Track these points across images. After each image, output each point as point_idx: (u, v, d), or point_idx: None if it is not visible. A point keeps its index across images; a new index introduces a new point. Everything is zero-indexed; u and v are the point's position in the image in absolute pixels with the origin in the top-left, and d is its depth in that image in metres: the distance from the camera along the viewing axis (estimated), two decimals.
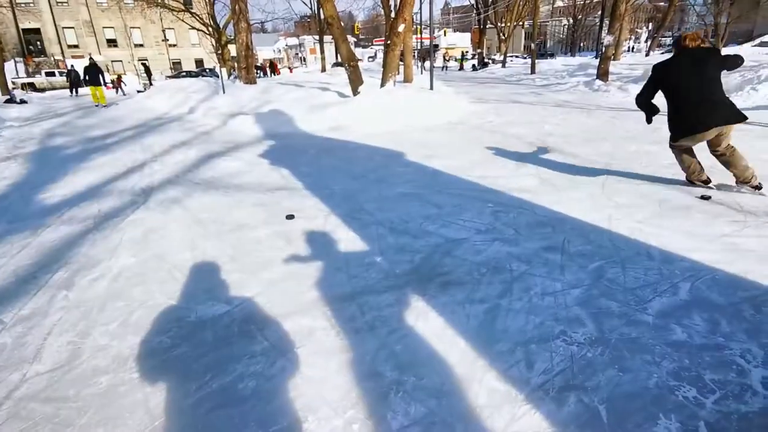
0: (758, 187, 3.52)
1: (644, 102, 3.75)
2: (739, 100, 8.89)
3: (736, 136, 3.65)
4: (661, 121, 3.90)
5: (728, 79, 9.84)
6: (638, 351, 1.83)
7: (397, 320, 2.14)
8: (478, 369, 1.79)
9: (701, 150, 3.76)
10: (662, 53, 33.64)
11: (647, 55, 30.75)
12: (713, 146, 3.55)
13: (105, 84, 14.80)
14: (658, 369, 1.72)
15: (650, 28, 50.54)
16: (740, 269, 2.42)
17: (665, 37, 48.29)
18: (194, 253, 3.01)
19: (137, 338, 2.10)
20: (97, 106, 14.52)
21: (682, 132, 3.57)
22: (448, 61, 35.02)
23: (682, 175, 4.19)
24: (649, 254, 2.67)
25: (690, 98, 3.43)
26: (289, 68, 34.86)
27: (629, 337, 1.92)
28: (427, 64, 20.45)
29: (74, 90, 19.98)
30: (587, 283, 2.39)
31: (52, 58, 36.46)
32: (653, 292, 2.25)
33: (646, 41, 48.16)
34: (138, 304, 2.39)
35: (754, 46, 30.04)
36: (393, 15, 13.55)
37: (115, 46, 41.70)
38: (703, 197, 3.54)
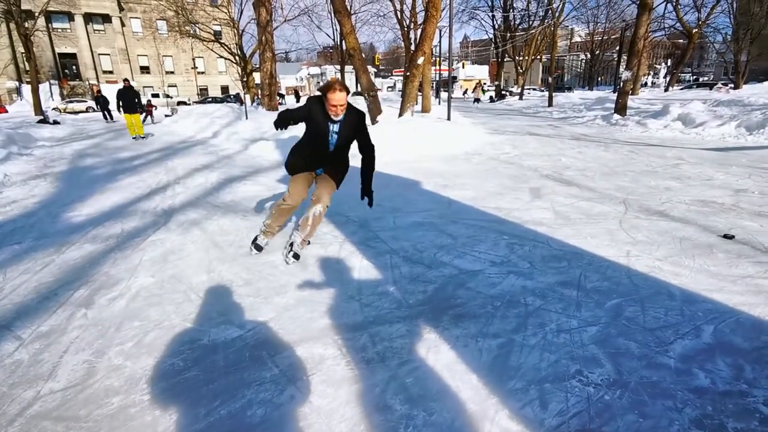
0: None
1: None
2: (760, 138, 8.78)
3: (752, 172, 3.57)
4: (678, 156, 3.87)
5: (750, 117, 9.75)
6: (659, 396, 1.77)
7: (408, 352, 2.12)
8: (490, 406, 1.75)
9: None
10: (681, 89, 33.60)
11: (666, 90, 30.76)
12: None
13: (143, 111, 12.65)
14: (680, 416, 1.66)
15: (669, 63, 50.70)
16: (765, 312, 2.34)
17: (684, 73, 48.32)
18: (211, 276, 3.05)
19: (151, 359, 2.12)
20: (135, 138, 12.04)
21: None
22: (480, 92, 30.77)
23: (703, 213, 4.12)
24: (669, 293, 2.60)
25: None
26: (295, 95, 35.49)
27: (650, 380, 1.86)
28: (445, 95, 20.79)
29: (107, 115, 19.70)
30: (604, 321, 2.33)
31: (87, 83, 38.38)
32: (675, 334, 2.18)
33: (665, 77, 48.24)
34: (154, 324, 2.42)
35: None
36: (413, 47, 13.95)
37: (148, 72, 43.79)
38: (726, 236, 3.46)
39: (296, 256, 3.26)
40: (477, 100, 28.35)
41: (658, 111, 12.60)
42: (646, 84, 47.82)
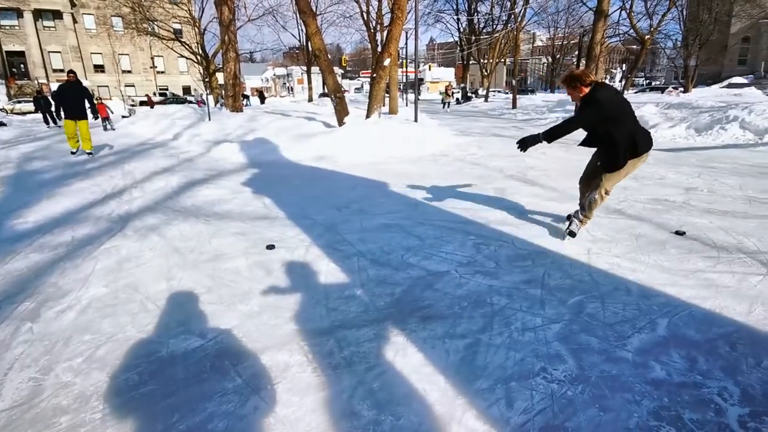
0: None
1: None
2: (708, 139, 9.32)
3: (701, 171, 3.77)
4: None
5: (698, 119, 10.33)
6: (619, 389, 1.82)
7: (375, 356, 2.09)
8: (457, 408, 1.75)
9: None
10: (636, 92, 35.27)
11: (622, 93, 32.20)
12: None
13: (96, 115, 8.79)
14: (638, 408, 1.71)
15: (624, 68, 53.15)
16: (715, 305, 2.46)
17: (638, 77, 50.77)
18: (170, 284, 2.92)
19: (102, 375, 1.99)
20: (74, 153, 8.70)
21: None
22: (449, 96, 27.08)
23: (657, 211, 4.31)
24: (627, 289, 2.69)
25: None
26: (259, 96, 34.11)
27: (609, 374, 1.91)
28: (412, 96, 20.91)
29: (49, 119, 17.28)
30: (567, 318, 2.39)
31: (36, 82, 36.27)
32: (632, 328, 2.26)
33: (620, 81, 50.51)
34: (106, 337, 2.29)
35: (722, 87, 31.83)
36: (379, 49, 13.98)
37: (103, 71, 41.84)
38: (677, 233, 3.63)
39: (572, 234, 3.51)
40: (446, 104, 25.79)
41: None
42: None
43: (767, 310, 2.39)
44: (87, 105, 8.55)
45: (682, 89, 29.62)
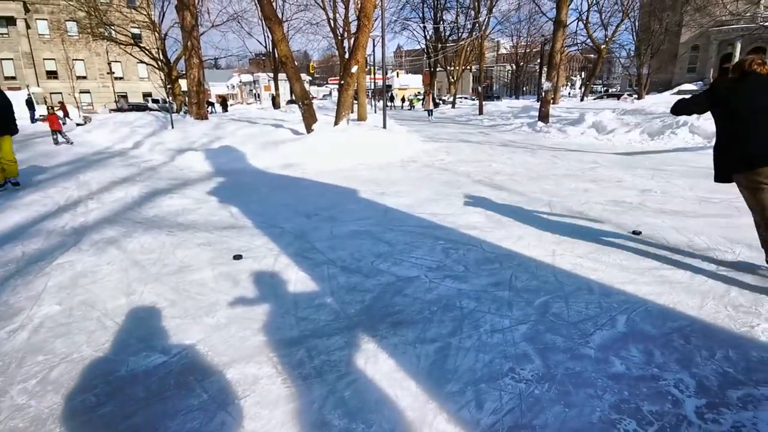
0: None
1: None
2: (660, 143, 9.82)
3: (654, 174, 3.96)
4: (594, 160, 4.20)
5: (651, 124, 10.89)
6: (582, 385, 1.87)
7: (346, 364, 2.08)
8: (428, 412, 1.75)
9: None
10: (594, 99, 36.79)
11: (582, 100, 33.50)
12: None
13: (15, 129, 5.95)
14: (600, 403, 1.77)
15: (583, 75, 55.46)
16: (669, 300, 2.58)
17: (596, 84, 53.05)
18: (130, 299, 2.80)
19: (58, 397, 1.88)
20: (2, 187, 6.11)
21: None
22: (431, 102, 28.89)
23: (615, 212, 4.50)
24: (589, 288, 2.79)
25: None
26: (221, 103, 32.98)
27: (573, 371, 1.97)
28: (380, 103, 20.97)
29: None
30: (534, 318, 2.45)
31: None
32: (594, 326, 2.34)
33: (580, 88, 52.61)
34: (60, 357, 2.17)
35: (673, 94, 33.66)
36: (347, 56, 14.01)
37: (55, 77, 39.90)
38: (634, 233, 3.80)
39: None
40: (430, 111, 22.74)
41: (575, 119, 13.69)
42: (568, 94, 51.91)
43: (718, 304, 2.53)
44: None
45: (636, 96, 31.14)
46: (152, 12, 23.58)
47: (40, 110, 25.86)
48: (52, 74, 39.81)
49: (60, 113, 18.82)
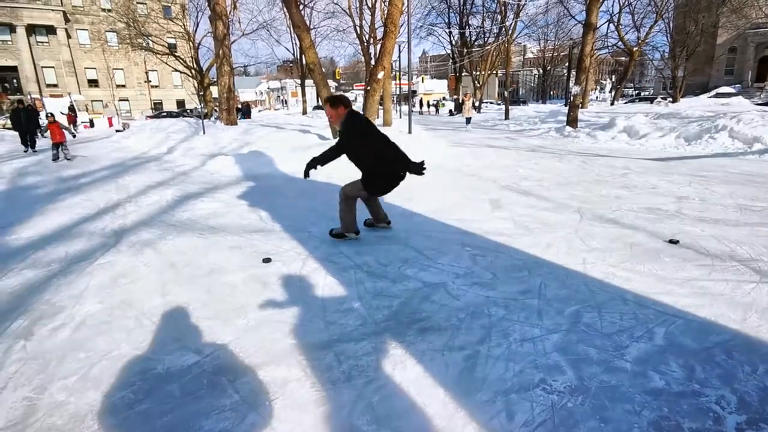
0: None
1: None
2: (698, 148, 9.45)
3: (691, 180, 3.80)
4: (625, 166, 4.09)
5: (688, 128, 10.50)
6: (618, 400, 1.82)
7: (374, 369, 2.08)
8: (457, 421, 1.74)
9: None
10: (625, 103, 35.80)
11: (612, 104, 32.67)
12: None
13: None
14: (639, 419, 1.71)
15: (613, 79, 54.04)
16: (711, 313, 2.47)
17: (627, 88, 51.60)
18: (165, 299, 2.90)
19: (97, 394, 1.96)
20: None
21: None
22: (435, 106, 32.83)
23: (650, 219, 4.35)
24: (623, 298, 2.71)
25: None
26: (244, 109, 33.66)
27: (609, 384, 1.91)
28: (405, 108, 21.05)
29: (29, 141, 12.88)
30: (565, 328, 2.39)
31: (29, 97, 36.19)
32: (630, 338, 2.27)
33: (610, 91, 51.29)
34: (101, 355, 2.26)
35: (710, 97, 32.40)
36: (373, 62, 14.12)
37: (97, 86, 41.87)
38: (671, 241, 3.66)
39: None
40: (468, 119, 18.80)
41: (605, 123, 13.34)
42: (597, 98, 50.69)
43: (761, 318, 2.41)
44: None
45: (670, 99, 30.12)
46: (187, 22, 24.47)
47: (82, 117, 27.15)
48: (93, 82, 41.82)
49: (65, 121, 15.94)
